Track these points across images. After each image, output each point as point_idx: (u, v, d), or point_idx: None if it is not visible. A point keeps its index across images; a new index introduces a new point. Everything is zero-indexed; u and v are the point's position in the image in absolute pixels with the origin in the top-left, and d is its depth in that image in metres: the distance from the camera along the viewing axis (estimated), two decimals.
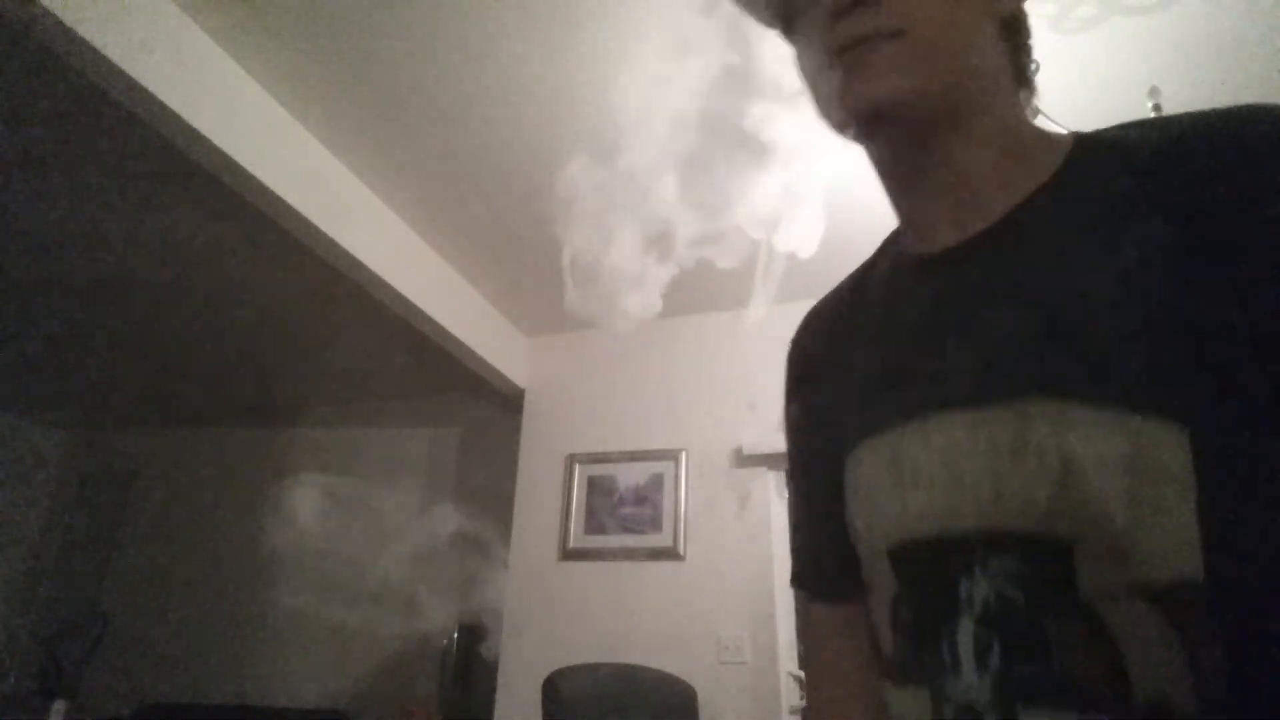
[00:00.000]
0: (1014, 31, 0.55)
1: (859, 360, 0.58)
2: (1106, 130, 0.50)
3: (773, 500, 2.70)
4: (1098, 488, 0.40)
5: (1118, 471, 0.40)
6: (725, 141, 2.19)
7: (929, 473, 0.49)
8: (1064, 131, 0.53)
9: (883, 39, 0.47)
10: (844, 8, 0.48)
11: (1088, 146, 0.49)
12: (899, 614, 0.52)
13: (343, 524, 3.68)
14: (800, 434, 0.67)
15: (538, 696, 1.53)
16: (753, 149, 2.22)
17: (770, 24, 0.62)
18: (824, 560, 0.63)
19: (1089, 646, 0.41)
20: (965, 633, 0.46)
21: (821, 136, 0.61)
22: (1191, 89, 1.87)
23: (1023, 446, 0.44)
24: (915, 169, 0.53)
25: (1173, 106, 1.61)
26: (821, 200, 2.45)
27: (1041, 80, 1.58)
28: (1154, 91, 1.52)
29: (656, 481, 2.84)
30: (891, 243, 0.62)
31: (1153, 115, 1.50)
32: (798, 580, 0.67)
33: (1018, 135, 0.52)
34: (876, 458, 0.53)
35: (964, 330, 0.49)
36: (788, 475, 0.72)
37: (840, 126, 0.52)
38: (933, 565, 0.48)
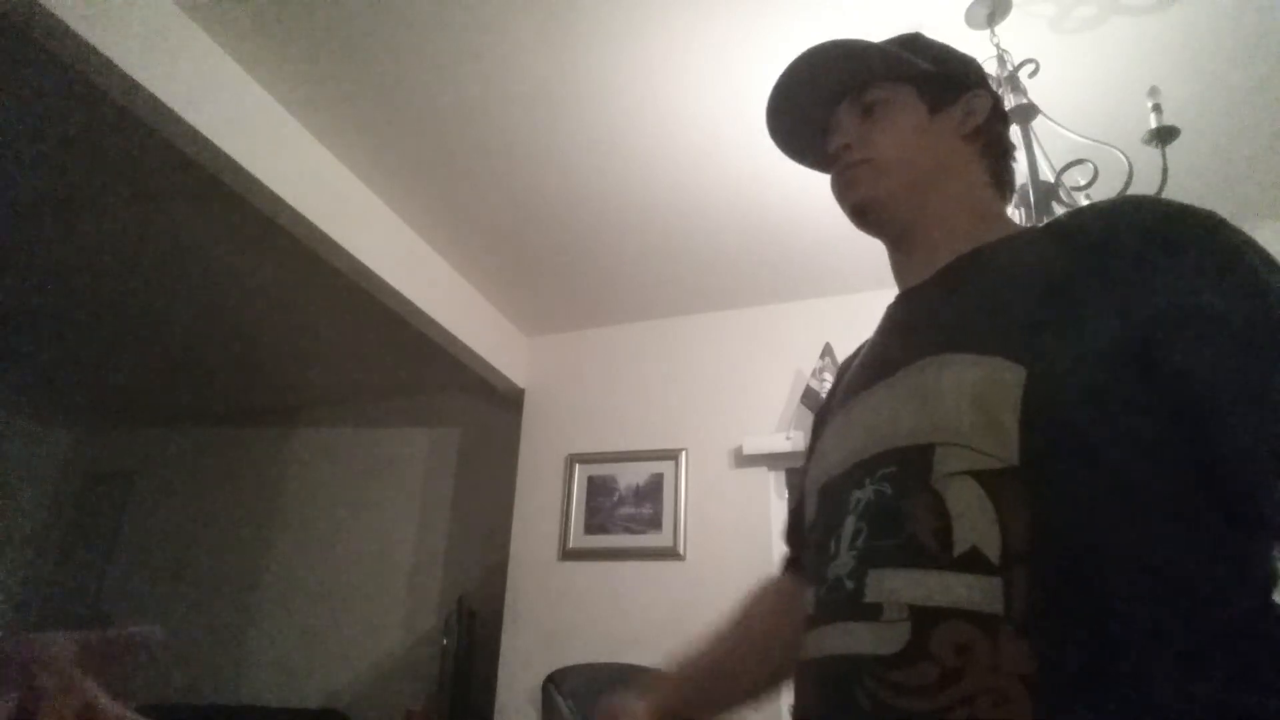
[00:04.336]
0: (981, 140, 0.79)
1: (848, 381, 0.78)
2: (1032, 227, 0.77)
3: (773, 500, 2.69)
4: (954, 403, 0.57)
5: (969, 392, 0.57)
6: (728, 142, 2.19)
7: (861, 424, 0.66)
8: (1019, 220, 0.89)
9: (857, 166, 0.76)
10: (837, 150, 0.78)
11: (994, 242, 0.72)
12: (811, 539, 0.68)
13: (342, 524, 3.68)
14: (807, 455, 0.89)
15: (537, 696, 1.53)
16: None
17: (799, 161, 0.90)
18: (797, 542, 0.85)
19: (928, 515, 0.55)
20: (848, 527, 0.61)
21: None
22: (1191, 89, 1.87)
23: (915, 389, 0.61)
24: (899, 239, 0.78)
25: (1172, 106, 1.61)
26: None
27: (1041, 80, 1.66)
28: (1154, 91, 1.51)
29: (656, 481, 2.84)
30: None
31: (1152, 115, 1.49)
32: (789, 565, 0.88)
33: (974, 218, 0.75)
34: (833, 427, 0.72)
35: (906, 331, 0.72)
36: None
37: (850, 220, 0.80)
38: (839, 491, 0.65)
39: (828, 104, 0.81)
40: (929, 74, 0.79)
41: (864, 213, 0.77)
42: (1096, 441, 0.53)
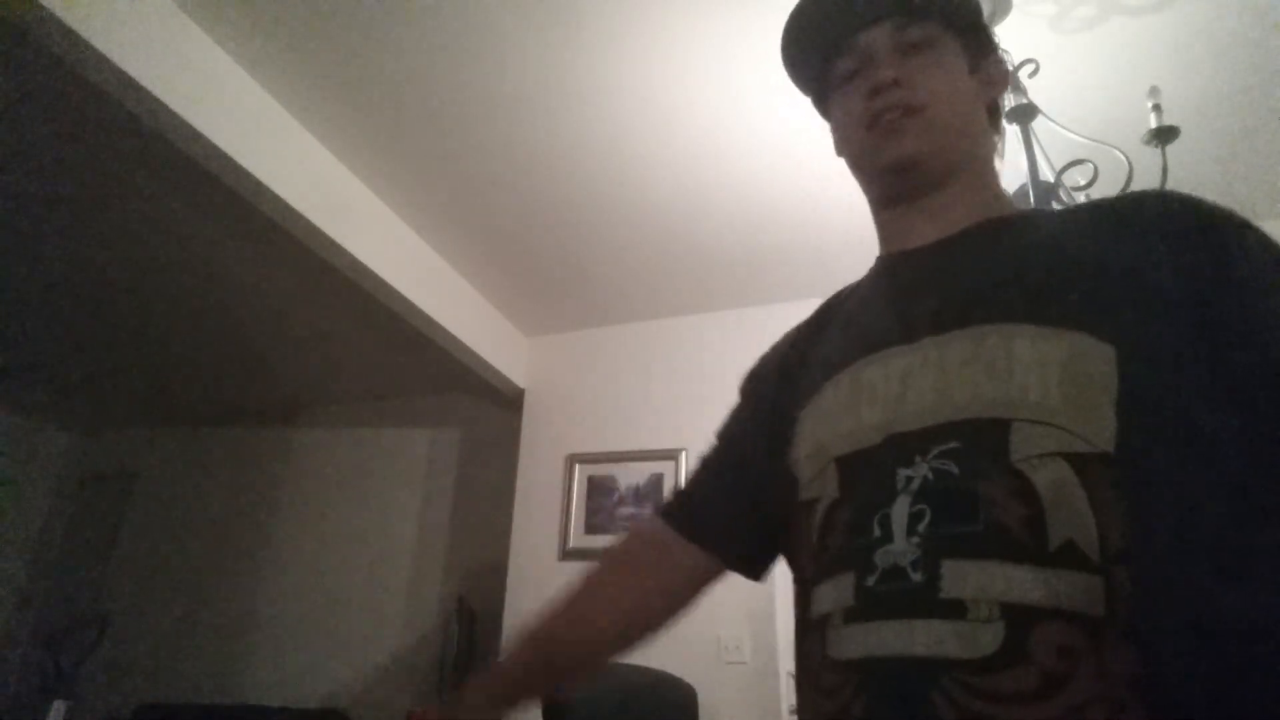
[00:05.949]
0: (994, 115, 0.76)
1: (829, 339, 0.72)
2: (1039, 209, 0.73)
3: None
4: (1038, 377, 0.52)
5: (1055, 368, 0.52)
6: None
7: (884, 391, 0.59)
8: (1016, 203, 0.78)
9: (909, 112, 0.66)
10: (884, 85, 0.67)
11: (1021, 213, 0.71)
12: (836, 517, 0.59)
13: (342, 524, 3.68)
14: (739, 417, 0.85)
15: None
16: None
17: (806, 94, 0.80)
18: (710, 509, 0.82)
19: (1014, 500, 0.49)
20: (900, 508, 0.53)
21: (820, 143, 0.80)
22: (1191, 89, 1.87)
23: (973, 358, 0.55)
24: (913, 199, 0.70)
25: (1172, 106, 1.61)
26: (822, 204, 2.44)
27: (1041, 81, 1.67)
28: (1154, 91, 1.51)
29: (656, 481, 2.84)
30: (842, 293, 0.80)
31: (1152, 115, 1.50)
32: (669, 513, 0.84)
33: (985, 191, 0.71)
34: (837, 387, 0.64)
35: (929, 290, 0.63)
36: (710, 448, 0.89)
37: (870, 168, 0.72)
38: (877, 465, 0.57)
39: (850, 20, 0.71)
40: (977, 27, 0.73)
41: (909, 168, 0.68)
42: (1198, 434, 0.50)
